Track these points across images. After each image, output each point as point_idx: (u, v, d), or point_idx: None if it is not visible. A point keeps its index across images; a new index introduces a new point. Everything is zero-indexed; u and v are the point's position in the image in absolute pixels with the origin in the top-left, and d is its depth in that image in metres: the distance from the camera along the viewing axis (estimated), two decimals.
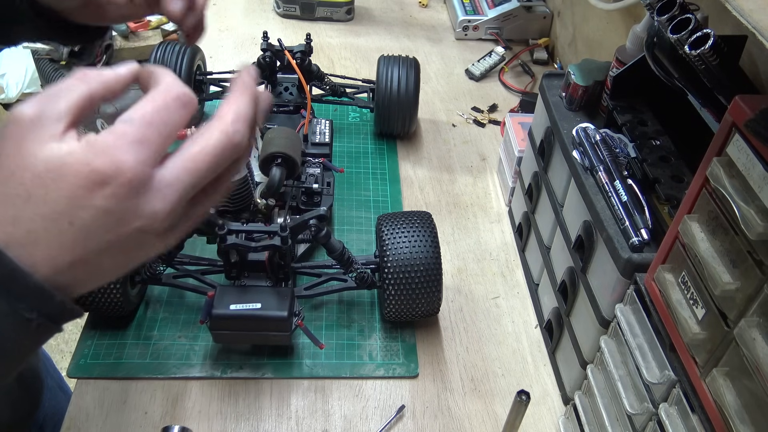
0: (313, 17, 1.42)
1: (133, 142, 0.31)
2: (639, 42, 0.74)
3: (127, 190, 0.30)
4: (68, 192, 0.29)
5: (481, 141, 1.14)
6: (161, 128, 0.32)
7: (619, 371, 0.58)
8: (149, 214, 0.31)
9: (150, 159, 0.31)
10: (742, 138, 0.43)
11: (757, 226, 0.41)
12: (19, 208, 0.29)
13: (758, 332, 0.41)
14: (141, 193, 0.31)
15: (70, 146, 0.30)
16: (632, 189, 0.64)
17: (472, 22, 1.38)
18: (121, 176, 0.30)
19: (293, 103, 0.99)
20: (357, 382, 0.75)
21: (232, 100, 0.35)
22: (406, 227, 0.76)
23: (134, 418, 0.70)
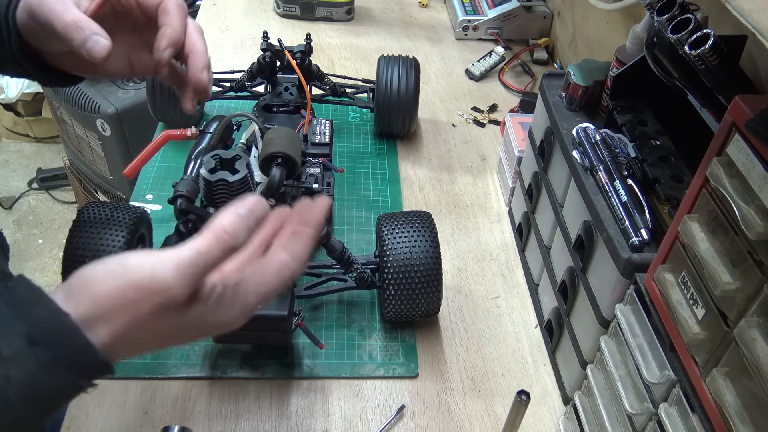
0: (313, 17, 1.42)
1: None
2: (639, 42, 0.74)
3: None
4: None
5: (481, 141, 1.14)
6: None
7: (619, 371, 0.58)
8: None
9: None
10: (742, 138, 0.43)
11: (757, 226, 0.41)
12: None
13: (758, 332, 0.41)
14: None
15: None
16: (632, 189, 0.64)
17: (472, 22, 1.38)
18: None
19: (293, 103, 0.98)
20: (357, 382, 0.75)
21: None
22: (406, 227, 0.76)
23: (134, 418, 0.70)
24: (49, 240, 2.18)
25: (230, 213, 0.41)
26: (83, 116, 1.51)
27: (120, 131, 1.48)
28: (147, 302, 0.38)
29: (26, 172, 2.39)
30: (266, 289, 0.41)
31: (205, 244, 0.39)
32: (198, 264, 0.38)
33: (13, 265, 2.13)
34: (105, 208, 0.74)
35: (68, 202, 2.29)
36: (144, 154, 0.86)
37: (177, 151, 1.02)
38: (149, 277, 0.38)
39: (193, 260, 0.38)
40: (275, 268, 0.42)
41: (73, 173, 1.84)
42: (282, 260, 0.42)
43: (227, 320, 0.41)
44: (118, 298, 0.37)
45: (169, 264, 0.38)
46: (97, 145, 1.56)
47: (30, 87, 2.22)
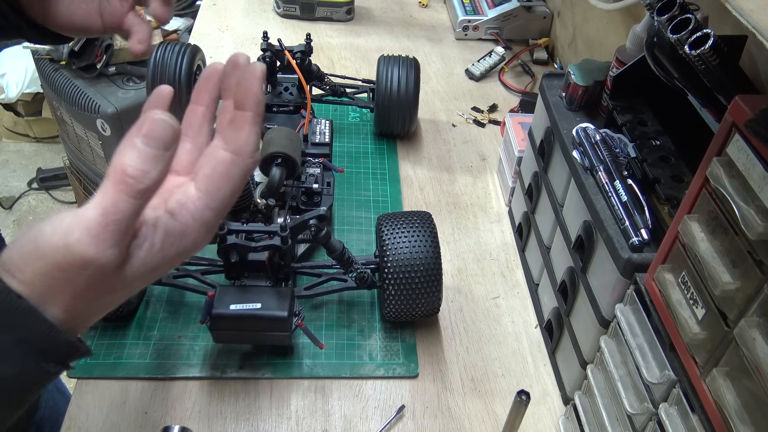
0: (313, 17, 1.42)
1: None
2: (639, 42, 0.74)
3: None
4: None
5: (481, 141, 1.14)
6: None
7: (619, 371, 0.58)
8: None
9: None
10: (742, 138, 0.43)
11: (757, 226, 0.41)
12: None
13: (758, 332, 0.41)
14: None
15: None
16: (632, 189, 0.64)
17: (472, 22, 1.38)
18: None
19: (293, 103, 0.98)
20: (357, 382, 0.75)
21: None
22: (406, 227, 0.76)
23: (134, 418, 0.70)
24: None
25: (127, 147, 0.34)
26: (83, 116, 1.51)
27: (120, 131, 1.48)
28: (77, 277, 0.34)
29: (26, 172, 2.39)
30: (221, 195, 0.37)
31: (110, 198, 0.33)
32: (109, 222, 0.33)
33: None
34: None
35: (68, 202, 2.29)
36: None
37: None
38: (64, 252, 0.33)
39: (103, 220, 0.33)
40: (221, 170, 0.37)
41: (73, 173, 1.84)
42: (224, 158, 0.37)
43: (186, 248, 0.37)
44: (47, 280, 0.34)
45: (78, 231, 0.33)
46: (97, 145, 1.56)
47: (30, 87, 2.22)
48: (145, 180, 0.33)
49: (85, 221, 0.33)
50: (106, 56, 1.47)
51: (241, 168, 0.37)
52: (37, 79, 2.14)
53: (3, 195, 2.32)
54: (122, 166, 0.33)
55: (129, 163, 0.33)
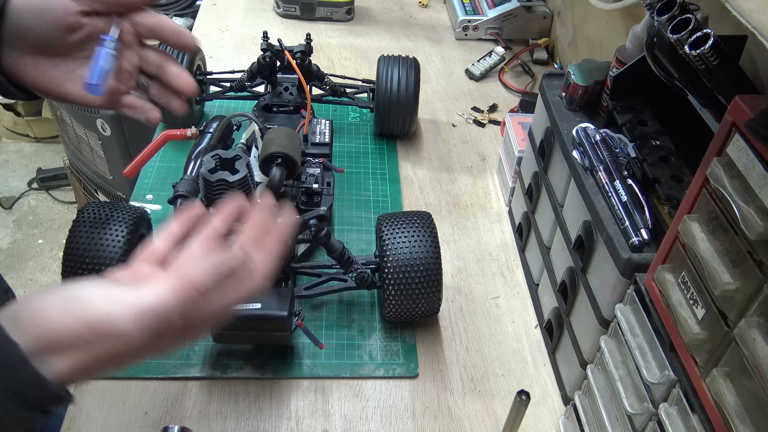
0: (313, 17, 1.42)
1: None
2: (639, 42, 0.74)
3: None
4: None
5: (481, 141, 1.14)
6: None
7: (619, 371, 0.58)
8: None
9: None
10: (742, 138, 0.43)
11: (757, 226, 0.41)
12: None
13: (758, 332, 0.41)
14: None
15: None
16: (632, 189, 0.64)
17: (472, 22, 1.38)
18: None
19: (293, 103, 0.98)
20: (357, 382, 0.75)
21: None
22: (406, 227, 0.76)
23: (134, 418, 0.70)
24: (49, 240, 2.18)
25: (205, 263, 0.39)
26: (83, 116, 1.51)
27: (120, 131, 1.48)
28: (103, 345, 0.36)
29: (26, 172, 2.39)
30: (236, 296, 0.42)
31: (171, 297, 0.37)
32: (159, 316, 0.36)
33: (13, 265, 2.13)
34: (105, 208, 0.74)
35: (68, 202, 2.29)
36: (144, 154, 0.86)
37: (177, 151, 1.02)
38: (105, 320, 0.36)
39: (156, 312, 0.36)
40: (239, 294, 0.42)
41: (73, 173, 1.84)
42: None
43: (195, 336, 0.42)
44: (72, 336, 0.35)
45: (129, 311, 0.36)
46: (97, 145, 1.56)
47: None
48: (205, 296, 0.38)
49: (139, 306, 0.36)
50: None
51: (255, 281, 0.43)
52: None
53: (3, 195, 2.32)
54: (192, 278, 0.38)
55: (198, 276, 0.38)
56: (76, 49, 0.55)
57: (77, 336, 0.35)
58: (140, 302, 0.37)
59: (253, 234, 0.46)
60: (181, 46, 0.58)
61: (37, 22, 0.51)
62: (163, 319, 0.37)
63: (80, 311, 0.36)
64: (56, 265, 2.08)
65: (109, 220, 0.72)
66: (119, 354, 0.37)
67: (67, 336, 0.35)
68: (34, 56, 0.53)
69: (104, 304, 0.36)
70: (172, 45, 0.58)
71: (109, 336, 0.36)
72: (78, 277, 0.70)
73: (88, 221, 0.72)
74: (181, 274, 0.38)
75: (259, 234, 0.46)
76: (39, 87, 0.54)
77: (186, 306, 0.38)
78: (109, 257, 0.70)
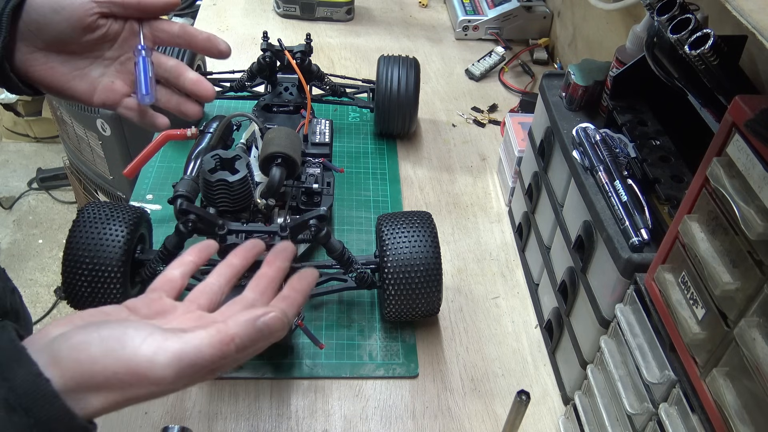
0: (313, 17, 1.42)
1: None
2: (639, 42, 0.74)
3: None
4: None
5: (481, 141, 1.14)
6: None
7: (619, 371, 0.58)
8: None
9: None
10: (742, 138, 0.43)
11: (757, 226, 0.41)
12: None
13: (758, 332, 0.41)
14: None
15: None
16: (632, 189, 0.64)
17: (472, 22, 1.38)
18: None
19: (293, 103, 0.98)
20: (357, 382, 0.75)
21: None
22: (406, 227, 0.76)
23: (134, 418, 0.70)
24: (49, 240, 2.18)
25: (248, 322, 0.40)
26: (83, 116, 1.51)
27: (120, 131, 1.48)
28: (141, 387, 0.37)
29: (26, 172, 2.39)
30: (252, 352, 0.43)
31: (209, 349, 0.38)
32: (196, 364, 0.38)
33: (13, 265, 2.13)
34: (105, 208, 0.74)
35: (68, 202, 2.30)
36: (144, 154, 0.86)
37: (177, 151, 1.02)
38: (147, 365, 0.37)
39: (194, 360, 0.38)
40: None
41: (73, 173, 1.84)
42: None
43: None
44: (111, 377, 0.37)
45: (170, 356, 0.37)
46: (97, 145, 1.56)
47: None
48: (242, 354, 0.40)
49: (179, 355, 0.37)
50: None
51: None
52: None
53: (3, 195, 2.32)
54: (231, 333, 0.39)
55: (240, 334, 0.39)
56: (88, 50, 0.55)
57: (117, 378, 0.37)
58: (180, 351, 0.38)
59: (285, 292, 0.47)
60: (216, 52, 0.59)
61: (56, 18, 0.52)
62: (199, 368, 0.38)
63: (122, 354, 0.37)
64: (56, 265, 2.08)
65: (109, 220, 0.72)
66: (151, 394, 0.38)
67: (107, 377, 0.37)
68: (45, 52, 0.54)
69: (147, 349, 0.37)
70: (204, 52, 0.59)
71: (147, 381, 0.37)
72: (79, 276, 0.70)
73: (88, 221, 0.72)
74: (223, 328, 0.39)
75: (288, 292, 0.47)
76: (47, 83, 0.55)
77: (220, 359, 0.39)
78: (109, 257, 0.70)
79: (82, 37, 0.54)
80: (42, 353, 0.36)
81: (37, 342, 0.37)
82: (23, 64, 0.53)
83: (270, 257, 0.51)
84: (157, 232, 0.84)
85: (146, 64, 0.56)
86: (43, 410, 0.35)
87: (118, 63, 0.57)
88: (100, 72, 0.57)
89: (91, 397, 0.37)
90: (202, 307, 0.46)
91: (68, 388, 0.36)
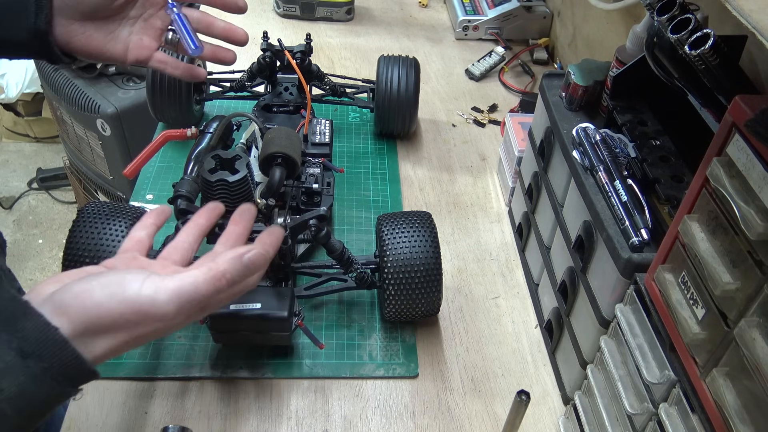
0: (313, 17, 1.42)
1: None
2: (639, 42, 0.74)
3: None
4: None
5: (481, 141, 1.14)
6: None
7: (619, 371, 0.58)
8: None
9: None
10: (742, 138, 0.43)
11: (757, 226, 0.41)
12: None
13: (758, 332, 0.41)
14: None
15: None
16: (632, 189, 0.64)
17: (472, 22, 1.38)
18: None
19: (293, 103, 0.98)
20: (357, 382, 0.75)
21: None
22: (406, 227, 0.76)
23: (134, 418, 0.70)
24: (49, 240, 2.18)
25: (235, 258, 0.44)
26: (83, 116, 1.51)
27: (120, 131, 1.48)
28: (146, 325, 0.40)
29: (26, 172, 2.39)
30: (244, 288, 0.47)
31: (204, 284, 0.42)
32: (194, 299, 0.41)
33: (13, 265, 2.13)
34: (105, 208, 0.74)
35: (68, 202, 2.30)
36: (144, 154, 0.86)
37: (177, 151, 1.02)
38: (150, 303, 0.40)
39: (192, 295, 0.41)
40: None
41: (73, 173, 1.84)
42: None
43: (208, 313, 0.47)
44: (118, 319, 0.39)
45: (169, 293, 0.41)
46: (97, 145, 1.56)
47: (30, 87, 2.22)
48: (234, 288, 0.44)
49: (177, 291, 0.41)
50: None
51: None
52: (37, 79, 2.15)
53: (3, 195, 2.32)
54: (223, 271, 0.43)
55: (230, 270, 0.43)
56: (116, 13, 0.61)
57: (123, 318, 0.40)
58: (178, 288, 0.41)
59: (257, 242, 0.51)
60: (234, 40, 0.67)
61: None
62: (196, 302, 0.42)
63: (125, 296, 0.40)
64: (56, 265, 2.09)
65: (109, 220, 0.72)
66: (155, 332, 0.42)
67: (113, 318, 0.39)
68: (82, 22, 0.59)
69: (147, 288, 0.40)
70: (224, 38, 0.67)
71: (152, 318, 0.40)
72: None
73: (88, 221, 0.72)
74: (214, 266, 0.43)
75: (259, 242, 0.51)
76: (86, 51, 0.60)
77: (214, 293, 0.42)
78: (109, 257, 0.70)
79: (113, 3, 0.59)
80: (44, 306, 0.39)
81: (33, 299, 0.40)
82: (64, 37, 0.58)
83: (235, 217, 0.55)
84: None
85: (183, 19, 0.62)
86: (55, 356, 0.37)
87: (142, 20, 0.62)
88: (128, 31, 0.62)
89: (99, 339, 0.39)
90: (176, 262, 0.50)
91: (77, 333, 0.38)
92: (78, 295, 0.39)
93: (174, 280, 0.41)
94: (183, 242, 0.53)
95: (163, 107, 1.01)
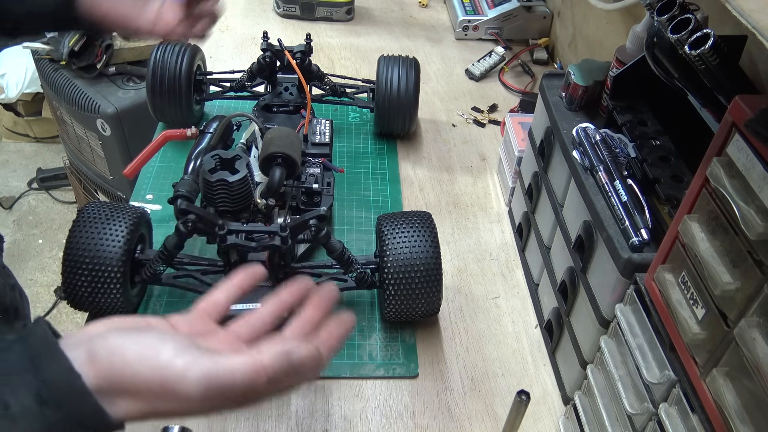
0: (313, 17, 1.42)
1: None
2: (639, 42, 0.74)
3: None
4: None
5: (481, 141, 1.14)
6: None
7: (619, 371, 0.58)
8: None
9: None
10: (742, 138, 0.43)
11: (757, 226, 0.41)
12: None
13: (758, 332, 0.41)
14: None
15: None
16: (632, 189, 0.64)
17: (472, 22, 1.38)
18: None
19: (293, 103, 0.98)
20: (357, 382, 0.75)
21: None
22: (406, 227, 0.76)
23: None
24: (49, 240, 2.18)
25: (281, 354, 0.39)
26: (83, 116, 1.51)
27: (120, 131, 1.48)
28: (167, 401, 0.37)
29: (26, 172, 2.39)
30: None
31: (241, 374, 0.37)
32: (224, 388, 0.37)
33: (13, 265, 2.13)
34: (105, 208, 0.74)
35: (68, 202, 2.29)
36: (144, 154, 0.86)
37: (177, 151, 1.02)
38: (176, 379, 0.37)
39: (223, 382, 0.37)
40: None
41: (73, 173, 1.84)
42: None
43: (240, 410, 0.42)
44: (141, 385, 0.37)
45: (200, 374, 0.37)
46: (97, 145, 1.56)
47: (30, 87, 2.22)
48: (272, 387, 0.38)
49: (208, 372, 0.37)
50: (106, 56, 1.47)
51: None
52: (37, 79, 2.14)
53: (3, 195, 2.32)
54: (265, 364, 0.38)
55: (272, 366, 0.38)
56: None
57: (147, 386, 0.37)
58: (211, 371, 0.37)
59: (323, 336, 0.45)
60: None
61: None
62: (227, 392, 0.37)
63: (156, 363, 0.37)
64: (56, 265, 2.08)
65: (109, 220, 0.72)
66: (173, 412, 0.38)
67: (136, 383, 0.37)
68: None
69: (180, 362, 0.37)
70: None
71: (174, 395, 0.37)
72: (79, 276, 0.70)
73: (89, 221, 0.72)
74: (257, 357, 0.38)
75: (325, 333, 0.46)
76: (113, 21, 0.64)
77: (250, 387, 0.38)
78: (109, 257, 0.70)
79: None
80: (81, 349, 0.37)
81: (77, 337, 0.38)
82: (92, 9, 0.62)
83: (316, 300, 0.48)
84: (157, 232, 0.84)
85: None
86: (74, 406, 0.35)
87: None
88: (160, 2, 0.66)
89: (120, 400, 0.37)
90: (242, 337, 0.45)
91: (99, 388, 0.36)
92: (111, 348, 0.37)
93: (209, 361, 0.37)
94: (258, 318, 0.47)
95: (163, 107, 1.01)
